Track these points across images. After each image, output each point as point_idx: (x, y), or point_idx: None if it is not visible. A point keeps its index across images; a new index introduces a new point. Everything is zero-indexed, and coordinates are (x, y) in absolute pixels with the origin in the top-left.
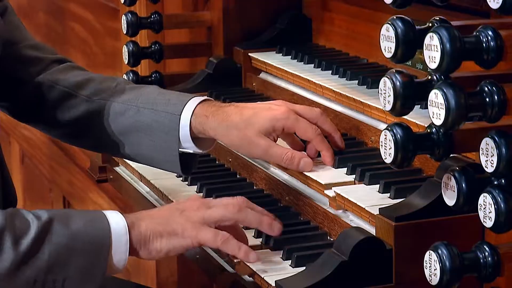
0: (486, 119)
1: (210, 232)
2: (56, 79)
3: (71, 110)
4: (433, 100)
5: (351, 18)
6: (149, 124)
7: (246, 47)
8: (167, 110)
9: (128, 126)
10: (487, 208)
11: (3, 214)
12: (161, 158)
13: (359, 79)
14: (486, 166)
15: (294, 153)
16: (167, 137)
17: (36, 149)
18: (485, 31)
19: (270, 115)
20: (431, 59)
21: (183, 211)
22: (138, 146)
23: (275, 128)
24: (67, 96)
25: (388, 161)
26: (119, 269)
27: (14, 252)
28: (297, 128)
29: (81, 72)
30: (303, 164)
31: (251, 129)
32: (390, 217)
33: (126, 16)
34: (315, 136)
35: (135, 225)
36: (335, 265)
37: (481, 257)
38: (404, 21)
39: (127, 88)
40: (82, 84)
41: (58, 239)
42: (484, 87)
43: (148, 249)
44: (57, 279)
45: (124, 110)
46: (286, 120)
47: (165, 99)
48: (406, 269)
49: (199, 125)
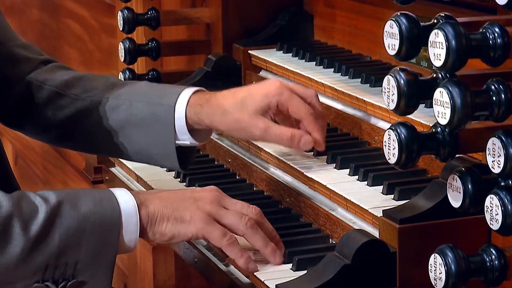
0: (493, 118)
1: (219, 230)
2: (44, 79)
3: (61, 110)
4: (438, 98)
5: (354, 14)
6: (143, 117)
7: (246, 44)
8: (161, 102)
9: (121, 121)
10: (493, 210)
11: (11, 199)
12: (157, 152)
13: (362, 77)
14: (493, 166)
15: (294, 131)
16: (162, 129)
17: (29, 149)
18: (491, 28)
19: (263, 91)
20: (436, 56)
21: (196, 200)
22: (133, 142)
23: (270, 105)
24: (56, 96)
25: (392, 162)
26: (130, 248)
27: (24, 238)
28: (290, 104)
29: (68, 71)
30: (303, 142)
31: (247, 110)
32: (394, 219)
33: (122, 12)
34: (308, 115)
35: (143, 204)
36: (337, 268)
37: (487, 260)
38: (408, 18)
39: (117, 83)
40: (71, 83)
41: (68, 222)
42: (491, 86)
43: (153, 231)
44: (69, 263)
45: (116, 105)
46: (280, 95)
47: (158, 91)
48: (410, 273)
49: (194, 115)
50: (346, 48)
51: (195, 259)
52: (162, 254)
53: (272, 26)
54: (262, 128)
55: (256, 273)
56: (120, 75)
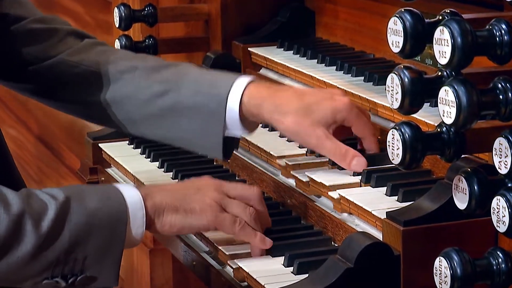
0: (500, 117)
1: (229, 218)
2: (80, 59)
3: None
4: (443, 97)
5: (357, 10)
6: (192, 106)
7: (246, 42)
8: (212, 92)
9: (167, 108)
10: (500, 212)
11: (20, 196)
12: (201, 142)
13: (365, 76)
14: (500, 167)
15: (349, 149)
16: (212, 121)
17: (23, 149)
18: (498, 25)
19: (333, 106)
20: (441, 54)
21: (199, 190)
22: (175, 129)
23: (336, 119)
24: (95, 76)
25: (396, 162)
26: (137, 242)
27: (36, 235)
28: (357, 123)
29: (106, 48)
30: (356, 163)
31: (310, 118)
32: (398, 221)
33: (119, 8)
34: (371, 135)
35: (148, 196)
36: (340, 272)
37: (494, 263)
38: (412, 14)
39: (162, 65)
40: (110, 62)
41: (77, 218)
42: (498, 84)
43: (162, 222)
44: (78, 258)
45: (162, 91)
46: (348, 113)
47: (209, 79)
48: (415, 277)
49: (254, 108)
50: (349, 46)
51: (193, 262)
52: (160, 257)
53: (273, 22)
54: (320, 138)
55: (256, 277)
56: None
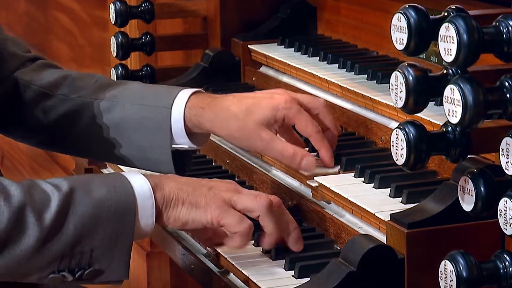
0: (507, 116)
1: (235, 215)
2: (31, 79)
3: (49, 112)
4: (449, 96)
5: (360, 6)
6: (138, 120)
7: (245, 39)
8: (156, 104)
9: (114, 124)
10: (507, 214)
11: (21, 187)
12: (152, 157)
13: (368, 74)
14: (507, 168)
15: (297, 150)
16: (158, 133)
17: (16, 149)
18: (505, 21)
19: (272, 103)
20: (446, 51)
21: (211, 188)
22: (126, 147)
23: (277, 118)
24: (43, 97)
25: (400, 163)
26: (147, 233)
27: (39, 228)
28: (298, 120)
29: (56, 70)
30: (305, 163)
31: (251, 119)
32: (402, 223)
33: (115, 4)
34: (315, 132)
35: (158, 187)
36: (342, 276)
37: (501, 267)
38: (417, 10)
39: (109, 84)
40: (58, 83)
41: (82, 209)
42: (504, 82)
43: (168, 215)
44: (84, 251)
45: (108, 107)
46: (288, 110)
47: (153, 93)
48: (419, 280)
49: (195, 118)
50: (351, 43)
51: (192, 265)
52: (157, 261)
53: (273, 19)
54: (266, 140)
55: (256, 281)
56: (113, 71)
